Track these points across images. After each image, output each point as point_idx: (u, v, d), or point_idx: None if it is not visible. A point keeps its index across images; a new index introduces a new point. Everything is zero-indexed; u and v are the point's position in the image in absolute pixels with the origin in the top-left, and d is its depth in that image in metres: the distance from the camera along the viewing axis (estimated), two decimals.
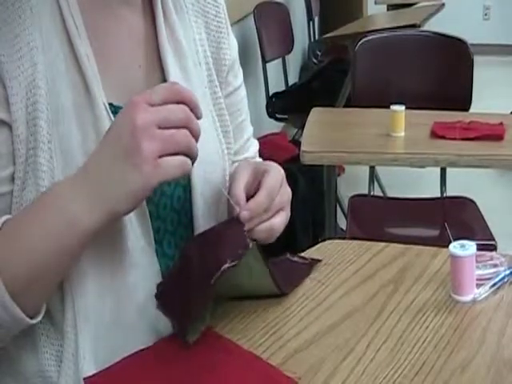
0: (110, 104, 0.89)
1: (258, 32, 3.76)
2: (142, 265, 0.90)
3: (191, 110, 0.81)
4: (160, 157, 0.77)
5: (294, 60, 4.91)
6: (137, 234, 0.89)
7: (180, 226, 0.95)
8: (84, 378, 0.83)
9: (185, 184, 0.95)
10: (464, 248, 0.94)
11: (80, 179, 0.81)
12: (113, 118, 0.87)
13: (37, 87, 0.84)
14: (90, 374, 0.85)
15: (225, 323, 0.92)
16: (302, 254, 1.08)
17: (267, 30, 3.84)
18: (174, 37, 0.97)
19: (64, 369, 0.86)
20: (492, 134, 1.96)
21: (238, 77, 1.09)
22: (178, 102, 0.80)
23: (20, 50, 0.84)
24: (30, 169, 0.84)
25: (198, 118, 0.82)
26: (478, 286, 0.96)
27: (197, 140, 0.81)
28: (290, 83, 4.25)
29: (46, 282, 0.82)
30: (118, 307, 0.88)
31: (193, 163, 0.81)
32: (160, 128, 0.78)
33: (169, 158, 0.78)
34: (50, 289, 0.84)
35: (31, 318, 0.83)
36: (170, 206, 0.94)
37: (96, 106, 0.87)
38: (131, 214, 0.87)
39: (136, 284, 0.89)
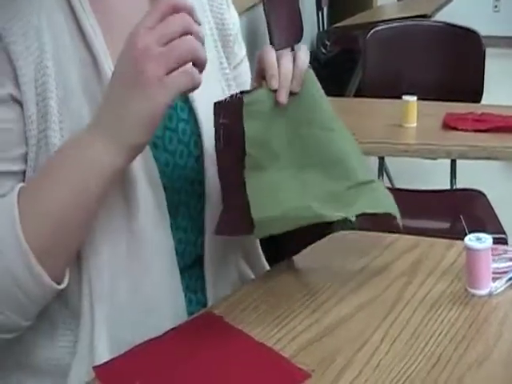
0: None
1: (267, 21, 3.73)
2: (156, 240, 0.89)
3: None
4: (167, 75, 0.77)
5: None
6: (151, 208, 0.88)
7: (194, 196, 0.95)
8: (93, 367, 0.82)
9: (197, 154, 0.94)
10: (480, 241, 0.92)
11: (93, 124, 0.81)
12: None
13: (45, 67, 0.84)
14: (104, 357, 0.84)
15: (236, 314, 0.90)
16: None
17: (276, 19, 3.81)
18: None
19: (79, 351, 0.86)
20: (504, 125, 1.94)
21: (242, 48, 1.09)
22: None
23: (26, 33, 0.84)
24: (41, 151, 0.84)
25: (198, 23, 0.80)
26: (494, 279, 0.94)
27: (202, 43, 0.79)
28: None
29: (67, 240, 0.82)
30: (134, 286, 0.88)
31: (201, 70, 0.79)
32: (162, 45, 0.77)
33: (173, 73, 0.77)
34: (71, 250, 0.83)
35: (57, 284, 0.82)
36: (183, 177, 0.93)
37: (105, 80, 0.86)
38: (145, 187, 0.87)
39: (150, 260, 0.89)
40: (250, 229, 0.86)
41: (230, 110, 0.86)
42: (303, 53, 0.88)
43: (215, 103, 0.87)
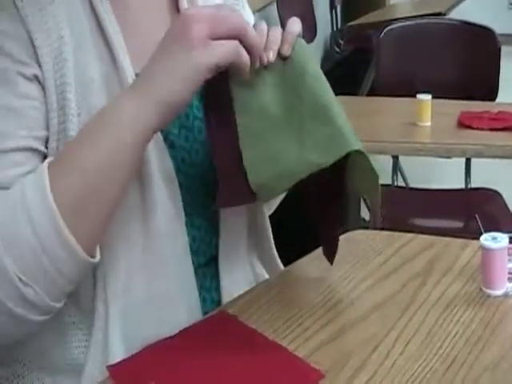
0: (137, 74, 0.88)
1: (280, 20, 3.73)
2: (170, 236, 0.89)
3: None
4: (212, 40, 0.78)
5: (317, 49, 4.87)
6: (167, 204, 0.88)
7: (209, 196, 0.94)
8: (107, 366, 0.82)
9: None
10: (496, 240, 0.92)
11: (132, 84, 0.82)
12: None
13: (64, 60, 0.84)
14: (118, 354, 0.85)
15: (250, 313, 0.90)
16: None
17: (290, 18, 3.81)
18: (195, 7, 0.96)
19: (92, 349, 0.86)
20: None
21: None
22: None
23: (47, 23, 0.84)
24: (61, 143, 0.84)
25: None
26: (510, 279, 0.93)
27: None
28: None
29: (97, 204, 0.79)
30: (148, 282, 0.88)
31: (251, 54, 0.81)
32: (213, 16, 0.80)
33: (221, 40, 0.79)
34: (101, 217, 0.80)
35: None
36: (199, 175, 0.93)
37: (124, 78, 0.87)
38: (161, 184, 0.87)
39: (165, 256, 0.89)
40: (251, 196, 0.85)
41: (216, 85, 0.84)
42: (294, 21, 0.87)
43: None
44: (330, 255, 0.97)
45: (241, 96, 0.84)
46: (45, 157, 0.84)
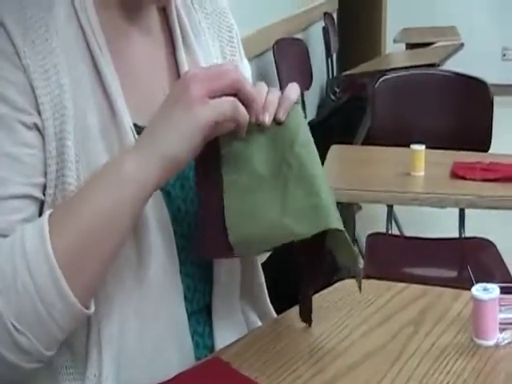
0: (135, 125, 0.90)
1: (276, 67, 3.78)
2: (166, 284, 0.90)
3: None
4: (211, 98, 0.80)
5: (312, 96, 4.93)
6: (162, 254, 0.89)
7: None
8: None
9: None
10: (487, 291, 0.93)
11: (136, 141, 0.85)
12: None
13: (64, 108, 0.86)
14: None
15: (243, 360, 0.90)
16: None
17: (286, 65, 3.87)
18: (194, 63, 0.99)
19: None
20: None
21: None
22: None
23: (47, 72, 0.86)
24: (58, 189, 0.85)
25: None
26: (501, 330, 0.94)
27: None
28: (307, 119, 4.26)
29: (94, 260, 0.80)
30: (142, 330, 0.88)
31: (249, 109, 0.83)
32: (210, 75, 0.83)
33: (219, 98, 0.81)
34: (98, 273, 0.81)
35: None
36: (194, 223, 0.94)
37: (122, 127, 0.88)
38: (156, 233, 0.88)
39: (159, 305, 0.89)
40: (229, 251, 0.86)
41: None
42: (292, 87, 0.89)
43: None
44: (307, 317, 0.97)
45: (230, 153, 0.86)
46: (42, 203, 0.85)
